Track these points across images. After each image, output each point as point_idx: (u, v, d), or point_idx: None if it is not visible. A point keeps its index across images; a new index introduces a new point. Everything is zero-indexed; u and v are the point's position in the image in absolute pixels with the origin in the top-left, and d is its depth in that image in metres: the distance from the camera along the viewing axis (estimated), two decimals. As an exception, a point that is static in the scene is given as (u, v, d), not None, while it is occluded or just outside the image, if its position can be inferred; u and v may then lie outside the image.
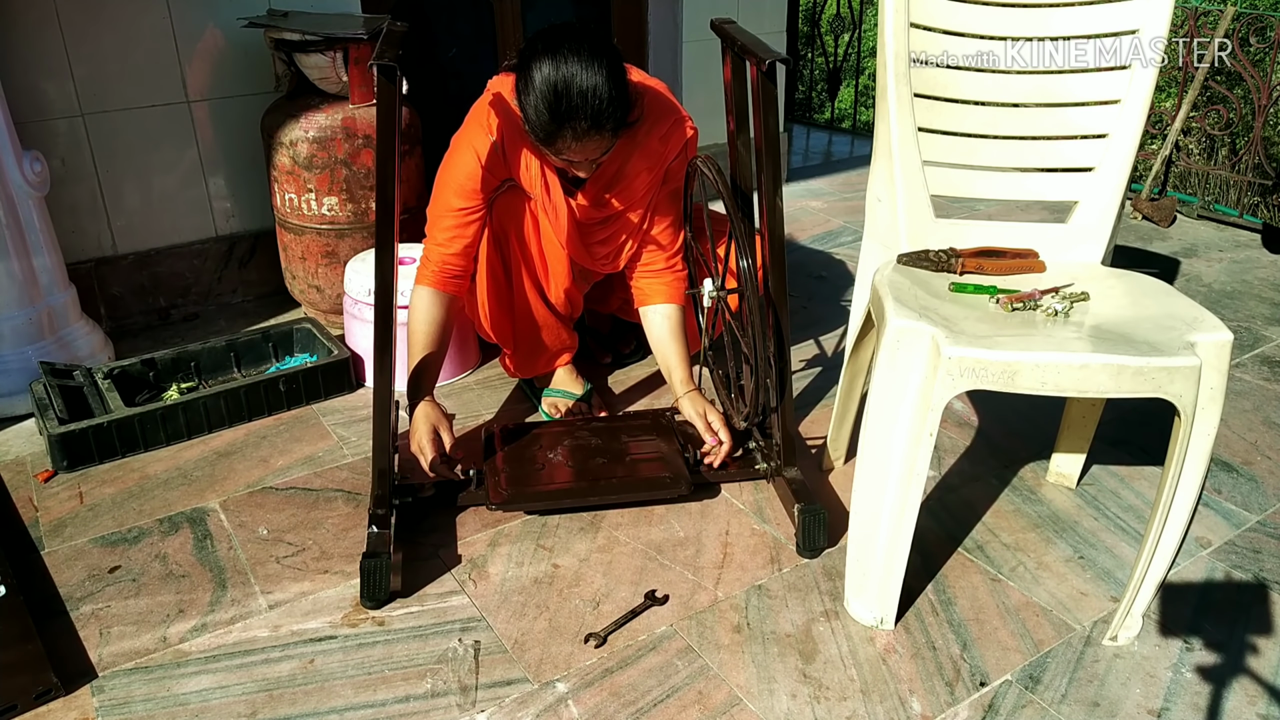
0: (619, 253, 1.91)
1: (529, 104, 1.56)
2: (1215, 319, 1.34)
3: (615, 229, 1.88)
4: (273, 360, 2.22)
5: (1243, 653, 1.41)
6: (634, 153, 1.77)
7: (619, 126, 1.59)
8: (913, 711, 1.31)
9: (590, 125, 1.54)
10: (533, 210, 1.81)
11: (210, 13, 2.34)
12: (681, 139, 1.80)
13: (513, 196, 1.81)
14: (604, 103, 1.53)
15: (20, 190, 1.99)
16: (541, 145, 1.61)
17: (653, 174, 1.80)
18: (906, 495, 1.36)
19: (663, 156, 1.79)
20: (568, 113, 1.52)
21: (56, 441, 1.80)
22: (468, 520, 1.70)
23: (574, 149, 1.58)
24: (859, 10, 4.51)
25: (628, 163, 1.78)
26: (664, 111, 1.78)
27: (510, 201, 1.81)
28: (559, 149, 1.59)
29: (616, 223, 1.87)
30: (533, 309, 1.90)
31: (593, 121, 1.54)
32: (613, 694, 1.33)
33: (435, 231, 1.79)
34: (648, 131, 1.75)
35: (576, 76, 1.51)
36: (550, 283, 1.89)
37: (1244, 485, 1.82)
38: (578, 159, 1.61)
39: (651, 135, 1.76)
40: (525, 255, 1.85)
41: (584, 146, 1.58)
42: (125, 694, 1.33)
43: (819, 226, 3.23)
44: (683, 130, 1.80)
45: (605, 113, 1.54)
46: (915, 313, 1.34)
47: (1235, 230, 3.20)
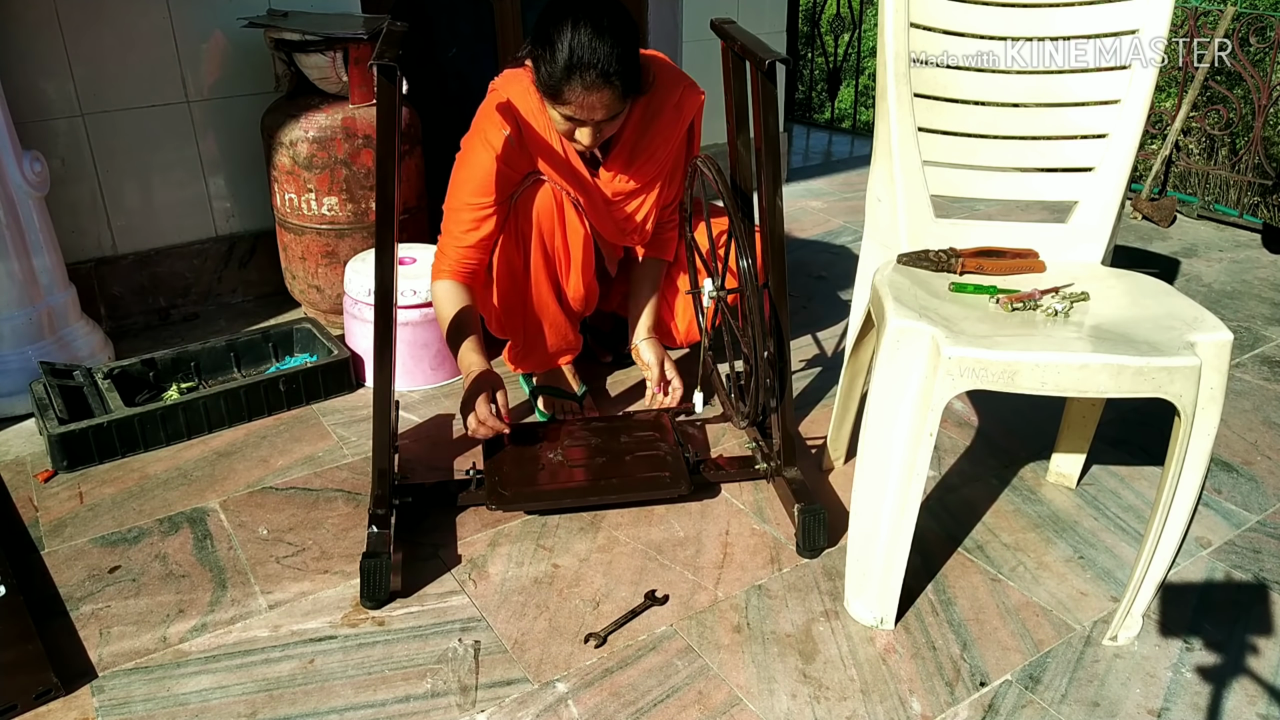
0: (646, 223, 1.95)
1: (543, 61, 1.62)
2: (1215, 319, 1.34)
3: (642, 200, 1.91)
4: (273, 360, 2.22)
5: (1243, 653, 1.41)
6: (653, 122, 1.82)
7: (628, 88, 1.65)
8: (913, 711, 1.31)
9: (599, 76, 1.59)
10: (559, 203, 1.82)
11: (210, 13, 2.34)
12: (695, 104, 1.87)
13: (537, 192, 1.82)
14: (613, 56, 1.59)
15: (20, 190, 1.99)
16: (551, 101, 1.66)
17: (671, 142, 1.86)
18: (906, 495, 1.36)
19: (679, 123, 1.85)
20: (578, 63, 1.58)
21: (56, 441, 1.80)
22: (468, 520, 1.70)
23: (582, 101, 1.62)
24: (859, 10, 4.51)
25: (647, 133, 1.83)
26: (675, 79, 1.84)
27: (534, 196, 1.82)
28: (567, 99, 1.63)
29: (643, 193, 1.91)
30: (545, 307, 1.91)
31: (601, 72, 1.59)
32: (613, 694, 1.33)
33: (451, 225, 1.83)
34: (663, 100, 1.82)
35: (588, 31, 1.58)
36: (570, 277, 1.90)
37: (1244, 485, 1.82)
38: (584, 116, 1.65)
39: (666, 103, 1.82)
40: (547, 251, 1.85)
41: (591, 100, 1.62)
42: (125, 694, 1.33)
43: (819, 226, 3.23)
44: (696, 95, 1.87)
45: (614, 68, 1.59)
46: (915, 313, 1.34)
47: (1235, 230, 3.20)
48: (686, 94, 1.84)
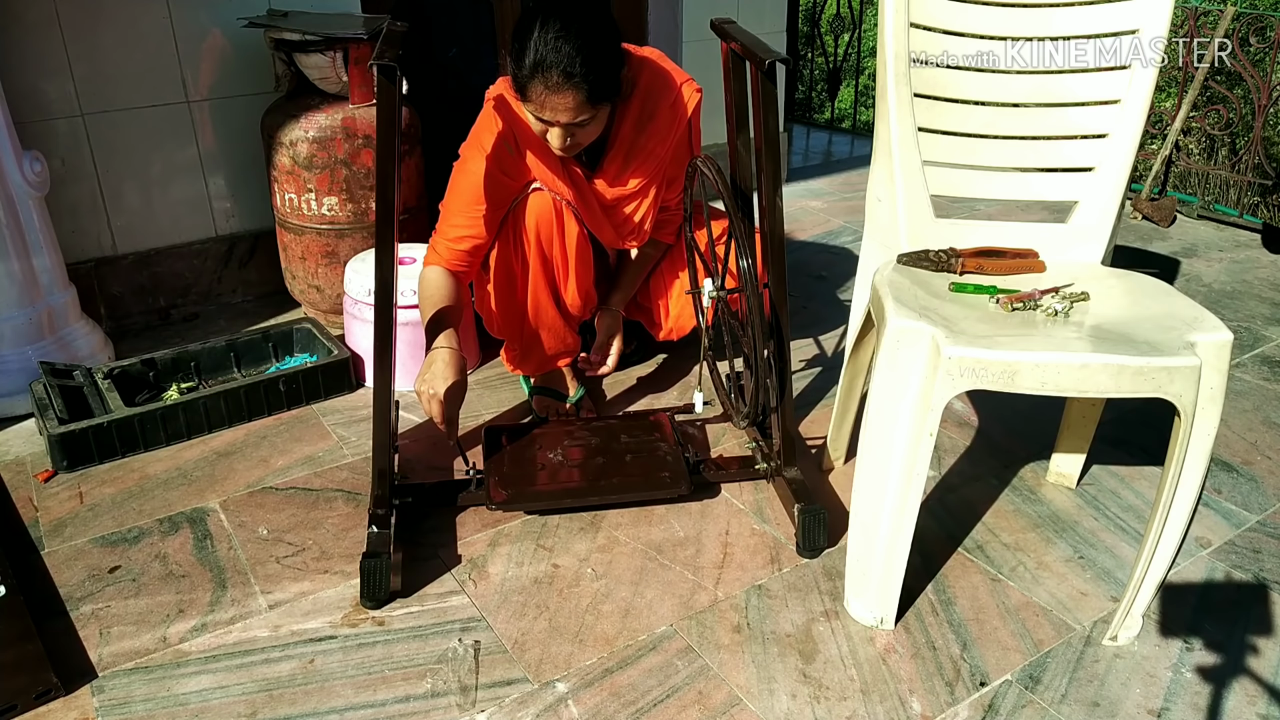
0: (644, 224, 1.95)
1: (515, 60, 1.61)
2: (1215, 319, 1.33)
3: (639, 202, 1.91)
4: (273, 360, 2.22)
5: (1243, 653, 1.41)
6: (649, 124, 1.81)
7: (597, 92, 1.61)
8: (913, 711, 1.31)
9: (561, 76, 1.57)
10: (557, 210, 1.82)
11: (210, 13, 2.34)
12: (693, 103, 1.85)
13: (535, 199, 1.81)
14: (579, 59, 1.56)
15: (20, 190, 1.99)
16: (521, 100, 1.65)
17: (668, 142, 1.85)
18: (906, 495, 1.36)
19: (676, 123, 1.84)
20: (540, 63, 1.57)
21: (56, 441, 1.80)
22: (468, 520, 1.70)
23: (547, 102, 1.60)
24: (859, 10, 4.51)
25: (643, 134, 1.82)
26: (668, 81, 1.83)
27: (532, 204, 1.81)
28: (533, 100, 1.61)
29: (641, 196, 1.90)
30: (543, 313, 1.90)
31: (564, 73, 1.56)
32: (613, 694, 1.33)
33: (445, 227, 1.82)
34: (658, 101, 1.80)
35: (555, 31, 1.56)
36: (568, 284, 1.90)
37: (1244, 485, 1.82)
38: (549, 118, 1.63)
39: (662, 104, 1.81)
40: (545, 259, 1.85)
41: (555, 101, 1.60)
42: (125, 694, 1.33)
43: (819, 226, 3.23)
44: (693, 94, 1.85)
45: (579, 69, 1.57)
46: (915, 313, 1.34)
47: (1235, 230, 3.20)
48: (683, 93, 1.83)
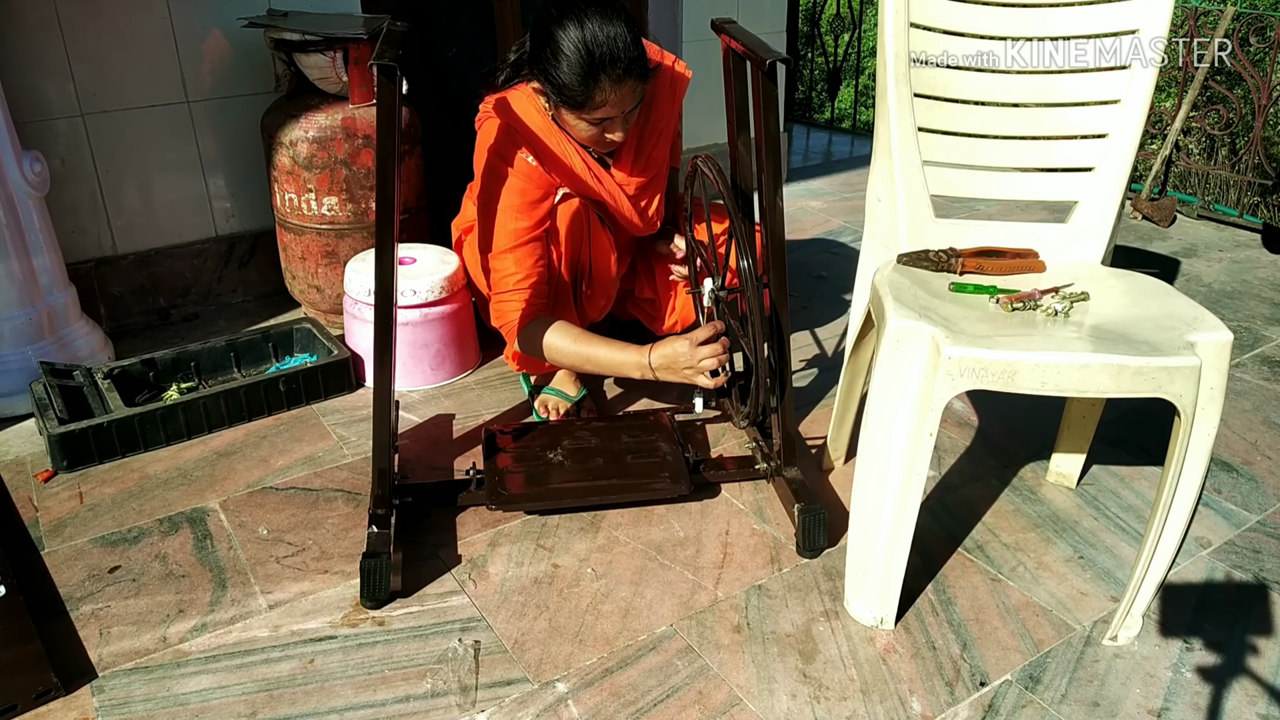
0: (659, 207, 1.95)
1: (561, 70, 1.60)
2: (1215, 319, 1.34)
3: (654, 185, 1.92)
4: (273, 360, 2.22)
5: (1243, 653, 1.41)
6: (653, 105, 1.83)
7: (645, 72, 1.65)
8: (913, 711, 1.31)
9: (625, 70, 1.59)
10: (588, 217, 1.82)
11: (210, 13, 2.34)
12: (684, 79, 1.87)
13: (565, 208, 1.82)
14: (632, 46, 1.59)
15: (20, 190, 1.99)
16: (577, 111, 1.64)
17: (670, 119, 1.87)
18: (906, 495, 1.36)
19: (675, 101, 1.86)
20: (602, 61, 1.57)
21: (56, 441, 1.80)
22: (468, 520, 1.70)
23: (612, 100, 1.62)
24: (859, 10, 4.51)
25: (650, 116, 1.83)
26: (660, 58, 1.84)
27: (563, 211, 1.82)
28: (597, 103, 1.62)
29: (656, 178, 1.91)
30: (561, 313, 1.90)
31: (627, 66, 1.59)
32: (613, 694, 1.33)
33: (505, 279, 1.77)
34: (657, 81, 1.82)
35: (601, 27, 1.57)
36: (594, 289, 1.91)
37: (1244, 485, 1.82)
38: (614, 114, 1.65)
39: (661, 83, 1.83)
40: (575, 267, 1.86)
41: (620, 95, 1.62)
42: (125, 694, 1.33)
43: (819, 226, 3.23)
44: (683, 72, 1.87)
45: (635, 56, 1.60)
46: (915, 313, 1.34)
47: (1235, 230, 3.20)
48: (675, 70, 1.85)
